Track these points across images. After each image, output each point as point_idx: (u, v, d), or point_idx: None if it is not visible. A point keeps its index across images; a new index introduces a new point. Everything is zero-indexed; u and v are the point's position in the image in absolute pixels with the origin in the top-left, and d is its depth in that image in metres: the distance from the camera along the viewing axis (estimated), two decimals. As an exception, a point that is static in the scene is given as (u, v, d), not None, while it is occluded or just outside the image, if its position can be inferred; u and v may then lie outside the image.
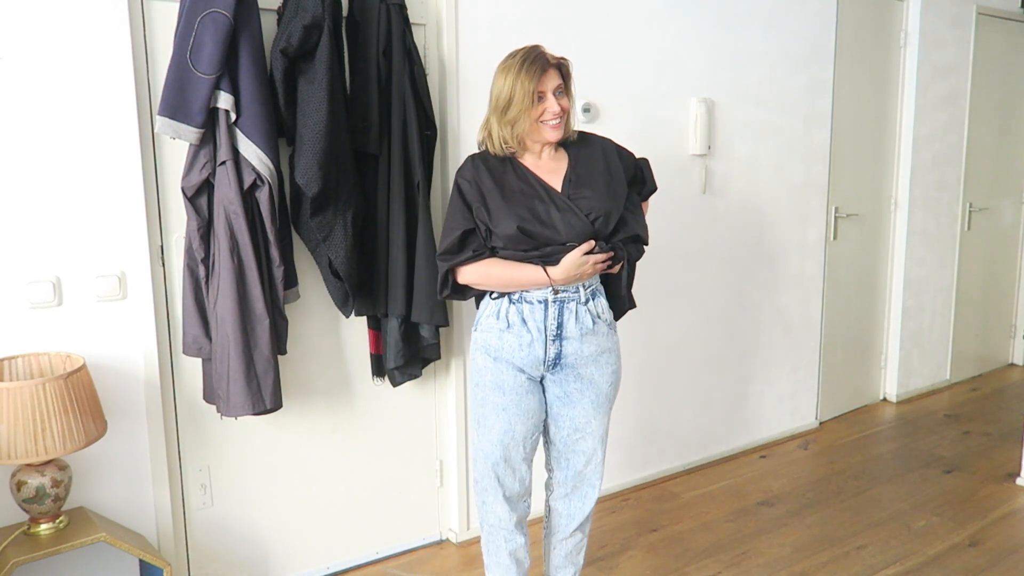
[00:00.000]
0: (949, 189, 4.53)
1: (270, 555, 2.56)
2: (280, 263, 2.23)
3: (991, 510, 3.12)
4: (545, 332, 2.05)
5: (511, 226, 1.97)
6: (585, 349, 2.09)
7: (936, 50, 4.28)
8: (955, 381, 4.79)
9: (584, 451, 2.20)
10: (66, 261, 2.11)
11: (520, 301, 2.05)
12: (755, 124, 3.53)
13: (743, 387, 3.70)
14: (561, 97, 2.03)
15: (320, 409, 2.59)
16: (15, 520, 2.08)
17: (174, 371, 2.32)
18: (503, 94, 2.00)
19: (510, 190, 2.02)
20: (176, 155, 2.22)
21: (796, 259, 3.80)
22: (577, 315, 2.07)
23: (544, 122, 2.02)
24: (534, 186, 2.04)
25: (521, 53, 2.01)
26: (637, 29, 3.10)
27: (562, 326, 2.06)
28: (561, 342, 2.07)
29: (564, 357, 2.08)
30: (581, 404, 2.15)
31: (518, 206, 2.00)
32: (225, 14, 2.03)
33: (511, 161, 2.08)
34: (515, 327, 2.05)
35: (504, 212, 1.99)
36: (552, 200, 2.02)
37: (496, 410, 2.10)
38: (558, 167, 2.10)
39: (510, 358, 2.07)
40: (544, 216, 2.00)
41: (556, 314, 2.05)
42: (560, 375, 2.12)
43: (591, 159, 2.12)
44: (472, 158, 2.12)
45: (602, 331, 2.12)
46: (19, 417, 1.84)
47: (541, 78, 1.99)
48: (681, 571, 2.69)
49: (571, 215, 2.01)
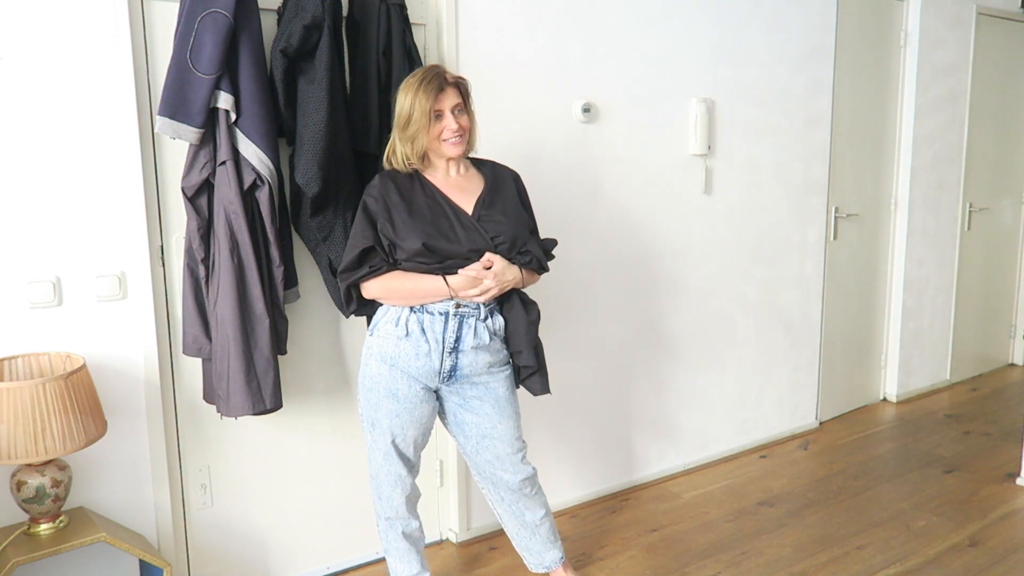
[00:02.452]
0: (949, 189, 4.53)
1: (270, 555, 2.56)
2: (280, 263, 2.23)
3: (991, 510, 3.12)
4: (443, 344, 2.11)
5: (416, 242, 2.04)
6: (479, 361, 2.16)
7: (936, 50, 4.28)
8: (955, 381, 4.79)
9: (496, 455, 2.26)
10: (66, 261, 2.11)
11: (421, 311, 2.11)
12: (755, 124, 3.53)
13: (743, 387, 3.70)
14: (460, 115, 2.11)
15: (320, 409, 2.59)
16: (15, 520, 2.08)
17: (174, 371, 2.32)
18: (403, 112, 2.08)
19: (416, 206, 2.09)
20: (176, 155, 2.22)
21: (796, 259, 3.80)
22: (476, 330, 2.14)
23: (444, 140, 2.10)
24: (440, 204, 2.11)
25: (420, 72, 2.10)
26: (637, 29, 3.10)
27: (460, 340, 2.12)
28: (457, 355, 2.13)
29: (459, 369, 2.15)
30: (482, 410, 2.21)
31: (424, 222, 2.07)
32: (225, 14, 2.03)
33: (419, 178, 2.15)
34: (414, 335, 2.11)
35: (409, 227, 2.06)
36: (458, 218, 2.11)
37: (389, 416, 2.16)
38: (469, 187, 2.18)
39: (405, 367, 2.12)
40: (448, 232, 2.08)
41: (455, 327, 2.11)
42: (455, 386, 2.19)
43: (506, 185, 2.23)
44: (381, 174, 2.17)
45: (496, 346, 2.19)
46: (19, 417, 1.85)
47: (438, 97, 2.07)
48: (681, 571, 2.69)
49: (475, 234, 2.10)
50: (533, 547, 2.44)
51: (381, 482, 2.25)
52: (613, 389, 3.25)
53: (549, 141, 2.91)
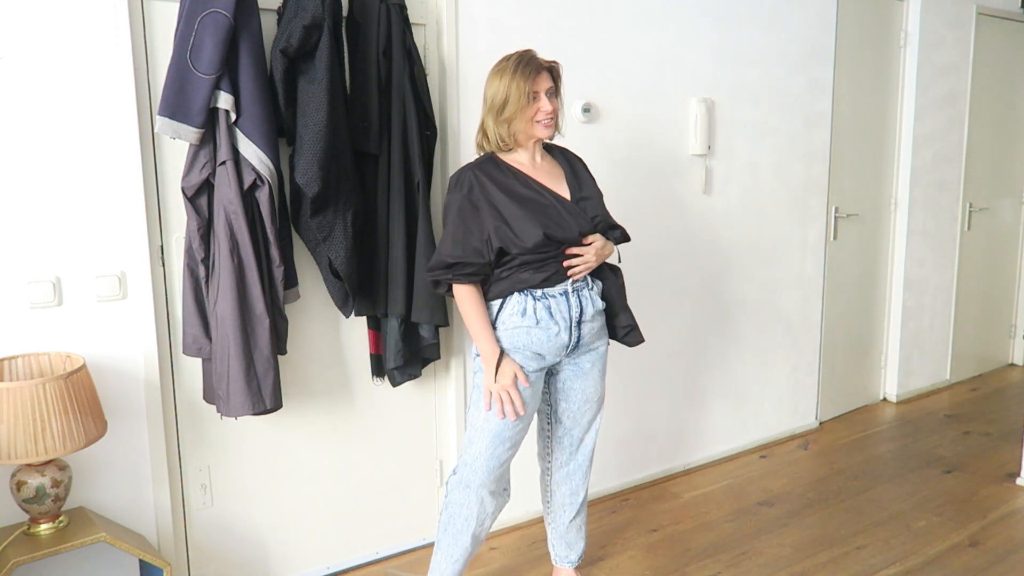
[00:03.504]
0: (949, 189, 4.53)
1: (270, 555, 2.56)
2: (280, 263, 2.23)
3: (991, 510, 3.12)
4: (570, 320, 2.19)
5: (537, 233, 2.08)
6: (595, 328, 2.27)
7: (936, 50, 4.28)
8: (955, 381, 4.79)
9: (589, 420, 2.40)
10: (66, 261, 2.11)
11: (544, 297, 2.17)
12: (755, 124, 3.53)
13: (743, 387, 3.70)
14: (552, 98, 2.16)
15: (320, 409, 2.59)
16: (15, 520, 2.08)
17: (174, 371, 2.32)
18: (499, 95, 2.11)
19: (523, 198, 2.13)
20: (176, 155, 2.22)
21: (796, 259, 3.80)
22: (592, 300, 2.24)
23: (538, 121, 2.14)
24: (542, 193, 2.16)
25: (515, 56, 2.13)
26: (637, 29, 3.10)
27: (583, 311, 2.21)
28: (581, 327, 2.22)
29: (582, 339, 2.25)
30: (592, 375, 2.33)
31: (538, 213, 2.12)
32: (225, 14, 2.03)
33: (506, 167, 2.17)
34: (543, 321, 2.17)
35: (526, 220, 2.09)
36: (562, 205, 2.17)
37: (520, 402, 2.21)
38: (555, 171, 2.25)
39: (537, 349, 2.19)
40: (559, 219, 2.14)
41: (577, 302, 2.20)
42: (576, 355, 2.29)
43: (581, 167, 2.32)
44: (469, 171, 2.16)
45: (600, 312, 2.29)
46: (19, 417, 1.84)
47: (535, 79, 2.11)
48: (681, 571, 2.69)
49: (580, 218, 2.18)
50: (570, 537, 2.52)
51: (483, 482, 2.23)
52: (612, 389, 3.24)
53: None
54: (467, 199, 2.12)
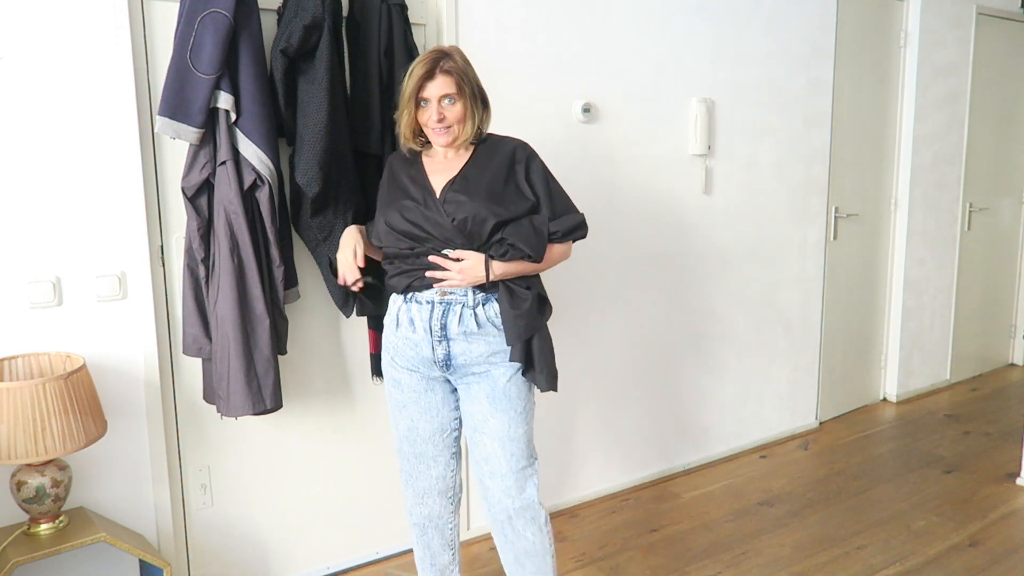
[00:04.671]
0: (949, 189, 4.53)
1: (270, 555, 2.56)
2: (280, 263, 2.23)
3: (991, 510, 3.12)
4: (431, 332, 2.02)
5: (380, 219, 2.04)
6: (473, 350, 2.02)
7: (936, 50, 4.28)
8: (955, 381, 4.79)
9: (485, 456, 2.06)
10: (66, 261, 2.11)
11: (411, 300, 2.05)
12: (755, 124, 3.53)
13: (743, 387, 3.70)
14: (451, 105, 1.98)
15: (320, 409, 2.59)
16: (15, 520, 2.08)
17: (174, 371, 2.32)
18: (401, 90, 2.03)
19: (395, 187, 2.07)
20: (176, 155, 2.22)
21: (796, 259, 3.80)
22: (461, 317, 2.01)
23: (431, 128, 2.02)
24: (417, 183, 2.04)
25: (424, 54, 2.02)
26: (637, 29, 3.10)
27: (446, 327, 2.01)
28: (448, 342, 2.02)
29: (454, 358, 2.03)
30: (477, 399, 2.06)
31: (393, 202, 2.03)
32: (225, 14, 2.03)
33: (410, 158, 2.11)
34: (403, 326, 2.07)
35: (382, 210, 2.05)
36: (425, 199, 2.00)
37: (397, 407, 2.15)
38: (453, 166, 2.06)
39: (401, 356, 2.09)
40: (410, 214, 1.99)
41: (440, 314, 2.01)
42: (458, 374, 2.07)
43: (494, 161, 2.05)
44: (392, 153, 2.20)
45: (492, 333, 2.02)
46: (19, 417, 1.84)
47: (425, 84, 1.97)
48: (681, 571, 2.69)
49: (436, 214, 1.97)
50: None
51: (403, 481, 2.23)
52: (612, 389, 3.24)
53: (549, 141, 2.90)
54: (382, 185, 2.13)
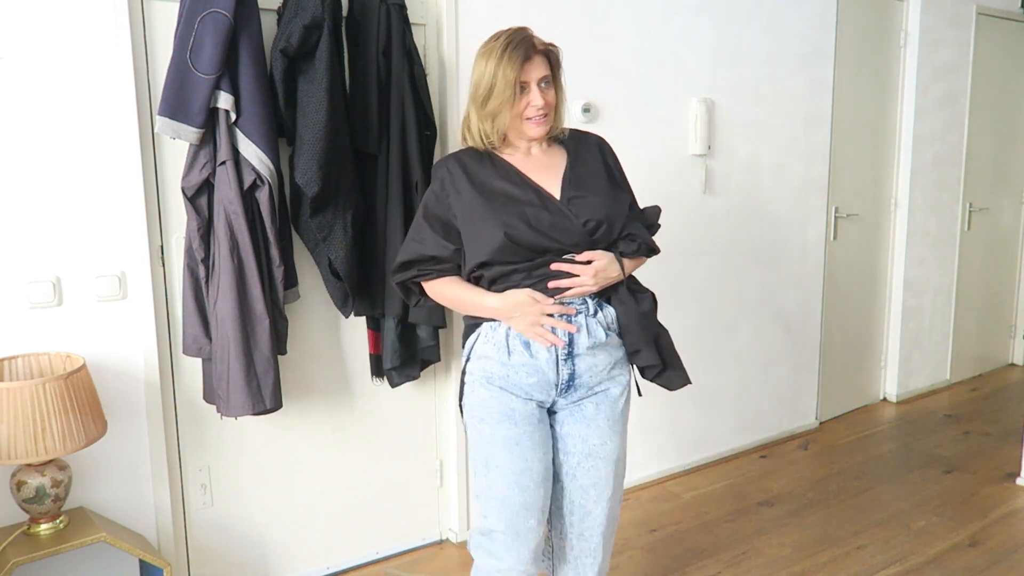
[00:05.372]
0: (949, 189, 4.53)
1: (270, 555, 2.56)
2: (280, 263, 2.23)
3: (991, 510, 3.12)
4: (556, 352, 1.76)
5: (497, 234, 1.69)
6: (599, 363, 1.81)
7: (936, 50, 4.28)
8: (955, 381, 4.79)
9: (594, 481, 1.86)
10: (66, 261, 2.11)
11: None
12: (755, 124, 3.53)
13: (743, 387, 3.70)
14: (547, 89, 1.78)
15: (320, 409, 2.59)
16: (15, 520, 2.08)
17: (174, 371, 2.32)
18: (483, 83, 1.75)
19: (492, 192, 1.76)
20: (176, 155, 2.22)
21: (796, 259, 3.80)
22: (588, 328, 1.78)
23: (528, 118, 1.76)
24: (521, 187, 1.77)
25: (505, 35, 1.76)
26: (637, 29, 3.10)
27: (573, 343, 1.77)
28: (573, 360, 1.78)
29: (578, 376, 1.79)
30: (596, 422, 1.84)
31: (503, 211, 1.72)
32: (225, 14, 2.03)
33: (493, 158, 1.82)
34: (517, 352, 1.77)
35: (488, 220, 1.72)
36: (544, 204, 1.75)
37: (508, 445, 1.77)
38: (553, 163, 1.83)
39: (517, 385, 1.78)
40: (535, 221, 1.72)
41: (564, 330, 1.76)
42: (573, 395, 1.82)
43: (590, 156, 1.88)
44: (445, 162, 1.84)
45: (614, 342, 1.83)
46: (19, 417, 1.84)
47: (524, 67, 1.73)
48: (681, 571, 2.69)
49: (565, 220, 1.74)
50: None
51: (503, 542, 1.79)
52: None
53: (549, 141, 2.91)
54: (434, 196, 1.80)
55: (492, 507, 1.79)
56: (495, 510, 1.79)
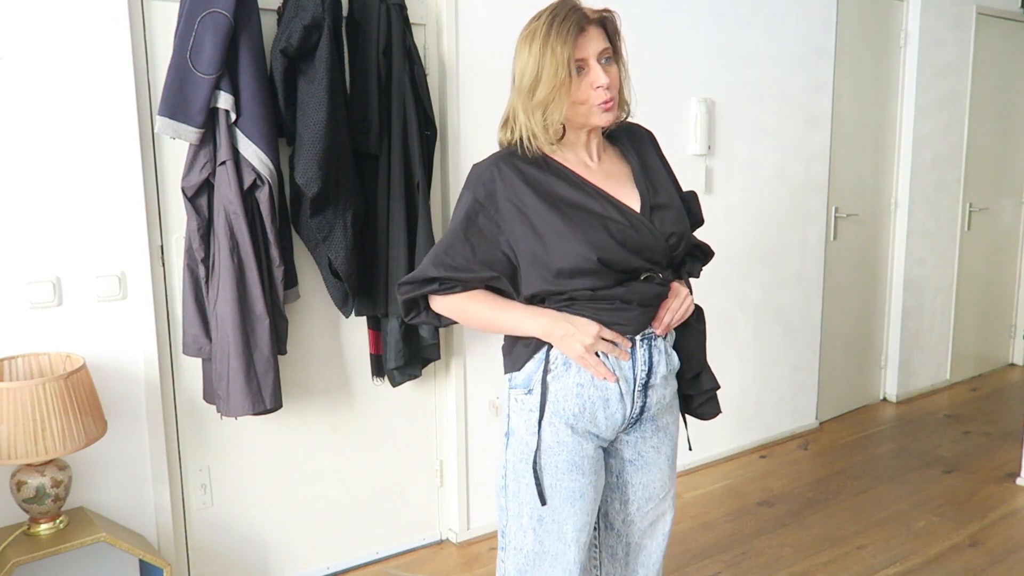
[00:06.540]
0: (949, 189, 4.53)
1: (270, 555, 2.56)
2: (280, 263, 2.23)
3: (991, 510, 3.12)
4: (634, 380, 1.53)
5: (589, 257, 1.42)
6: (667, 394, 1.62)
7: (936, 50, 4.28)
8: (955, 381, 4.79)
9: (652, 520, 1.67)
10: (66, 261, 2.11)
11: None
12: (755, 124, 3.53)
13: (743, 387, 3.70)
14: (609, 65, 1.46)
15: (320, 409, 2.59)
16: (15, 520, 2.08)
17: (174, 371, 2.32)
18: (528, 70, 1.43)
19: (569, 205, 1.46)
20: (176, 155, 2.22)
21: (796, 259, 3.80)
22: (667, 355, 1.59)
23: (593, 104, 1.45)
24: (597, 198, 1.49)
25: (549, 10, 1.44)
26: (637, 29, 3.09)
27: (651, 371, 1.55)
28: (647, 391, 1.56)
29: (648, 409, 1.58)
30: (658, 464, 1.64)
31: (587, 228, 1.44)
32: (225, 14, 2.03)
33: (550, 164, 1.50)
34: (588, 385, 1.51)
35: (569, 237, 1.43)
36: (629, 218, 1.49)
37: (572, 499, 1.52)
38: (617, 168, 1.57)
39: (591, 422, 1.52)
40: (623, 239, 1.46)
41: (645, 357, 1.54)
42: (636, 433, 1.61)
43: (650, 156, 1.62)
44: (492, 163, 1.50)
45: (675, 368, 1.65)
46: (19, 417, 1.84)
47: (578, 41, 1.42)
48: (681, 571, 2.69)
49: (649, 237, 1.49)
50: None
51: None
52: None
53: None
54: (478, 203, 1.49)
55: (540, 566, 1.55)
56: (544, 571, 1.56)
